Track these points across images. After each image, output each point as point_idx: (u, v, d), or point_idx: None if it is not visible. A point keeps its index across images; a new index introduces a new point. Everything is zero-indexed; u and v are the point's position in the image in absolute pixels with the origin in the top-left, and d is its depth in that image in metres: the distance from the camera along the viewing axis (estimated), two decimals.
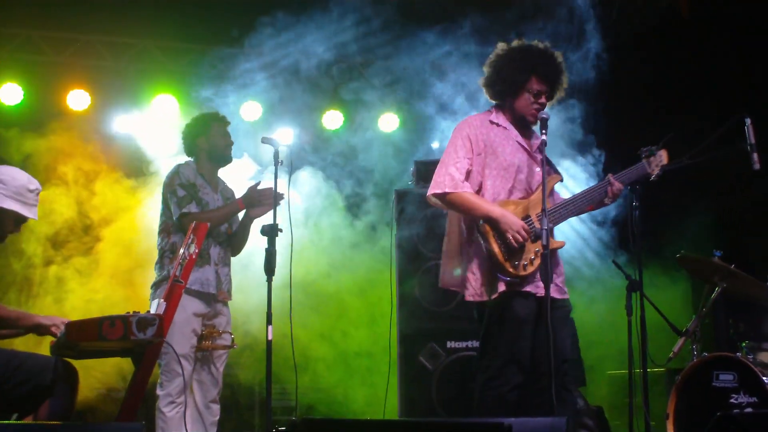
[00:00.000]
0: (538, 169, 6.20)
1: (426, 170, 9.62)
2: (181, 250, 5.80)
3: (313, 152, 11.18)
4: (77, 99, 11.03)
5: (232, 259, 7.56)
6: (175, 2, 10.71)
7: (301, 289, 8.26)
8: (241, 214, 7.47)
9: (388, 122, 11.81)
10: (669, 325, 7.96)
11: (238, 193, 7.48)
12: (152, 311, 5.58)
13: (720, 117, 6.73)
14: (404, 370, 9.17)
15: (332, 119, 11.77)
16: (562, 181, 6.46)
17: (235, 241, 7.51)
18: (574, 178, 9.50)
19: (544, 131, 6.00)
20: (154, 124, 10.88)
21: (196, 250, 5.90)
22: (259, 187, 7.27)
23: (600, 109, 9.48)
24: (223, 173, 7.70)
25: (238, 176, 8.20)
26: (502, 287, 6.08)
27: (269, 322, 6.29)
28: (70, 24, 11.04)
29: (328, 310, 10.92)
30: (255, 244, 7.18)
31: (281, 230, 6.54)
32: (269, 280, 6.37)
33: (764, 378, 7.16)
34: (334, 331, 11.04)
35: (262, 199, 7.22)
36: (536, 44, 6.43)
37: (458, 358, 9.06)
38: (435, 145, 11.41)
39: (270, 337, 6.29)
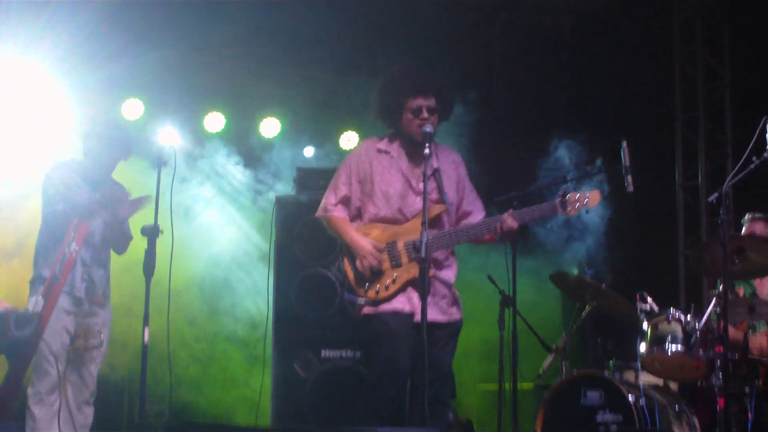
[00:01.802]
0: (418, 198, 6.21)
1: (307, 177, 9.65)
2: (63, 249, 5.73)
3: (195, 155, 11.05)
4: None
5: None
6: None
7: (180, 290, 8.17)
8: None
9: (270, 127, 11.66)
10: (539, 341, 8.12)
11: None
12: (30, 308, 5.51)
13: (601, 138, 6.82)
14: (278, 376, 9.19)
15: (214, 121, 11.55)
16: (447, 211, 6.33)
17: (112, 243, 7.39)
18: None
19: (427, 145, 6.05)
20: None
21: (77, 248, 5.84)
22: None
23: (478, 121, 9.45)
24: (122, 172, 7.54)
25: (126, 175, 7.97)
26: (363, 307, 6.25)
27: (146, 323, 6.23)
28: None
29: (206, 314, 10.87)
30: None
31: (162, 231, 6.50)
32: (147, 281, 6.32)
33: (629, 396, 7.32)
34: (211, 334, 11.00)
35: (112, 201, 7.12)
36: (404, 64, 6.49)
37: (332, 367, 9.12)
38: (308, 151, 11.42)
39: (146, 339, 6.23)
